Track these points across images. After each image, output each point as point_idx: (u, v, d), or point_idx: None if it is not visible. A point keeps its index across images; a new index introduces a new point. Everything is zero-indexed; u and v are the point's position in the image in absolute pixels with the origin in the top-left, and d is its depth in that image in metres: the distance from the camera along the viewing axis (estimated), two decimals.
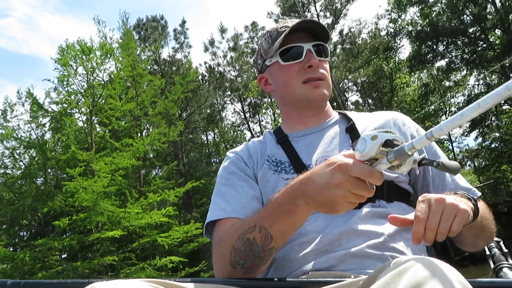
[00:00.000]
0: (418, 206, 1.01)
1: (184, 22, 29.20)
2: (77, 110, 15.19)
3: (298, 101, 1.47)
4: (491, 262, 1.53)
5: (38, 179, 16.25)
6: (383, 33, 28.87)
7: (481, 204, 1.27)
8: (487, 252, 1.59)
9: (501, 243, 1.59)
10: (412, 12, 26.46)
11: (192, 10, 61.95)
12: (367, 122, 1.48)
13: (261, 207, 1.32)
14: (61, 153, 15.56)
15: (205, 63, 32.20)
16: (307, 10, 29.84)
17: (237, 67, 30.85)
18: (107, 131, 16.00)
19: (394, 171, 0.86)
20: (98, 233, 12.57)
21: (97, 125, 17.09)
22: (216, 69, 30.97)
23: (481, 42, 23.39)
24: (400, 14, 27.34)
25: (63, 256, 15.07)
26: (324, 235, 1.21)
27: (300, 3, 29.66)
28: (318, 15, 29.57)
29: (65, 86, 14.64)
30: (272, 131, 1.56)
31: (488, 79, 25.79)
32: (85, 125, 15.39)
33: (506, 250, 1.55)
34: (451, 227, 0.97)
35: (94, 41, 15.05)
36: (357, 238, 1.19)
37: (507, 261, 1.50)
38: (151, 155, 19.63)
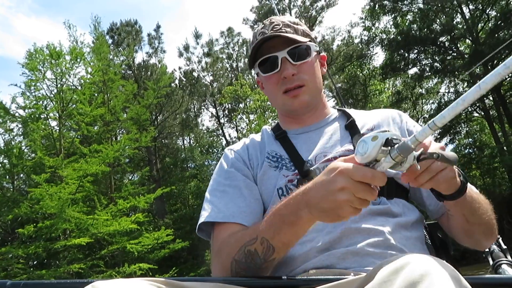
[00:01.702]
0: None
1: (158, 27, 29.16)
2: (45, 116, 14.92)
3: (283, 110, 1.49)
4: (490, 259, 1.53)
5: (7, 185, 15.95)
6: (356, 40, 29.29)
7: (478, 193, 1.27)
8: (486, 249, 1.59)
9: (500, 240, 1.58)
10: (386, 20, 26.82)
11: (171, 14, 61.66)
12: (366, 118, 1.47)
13: (259, 210, 1.31)
14: (30, 159, 15.30)
15: (180, 68, 32.13)
16: None
17: (212, 73, 30.87)
18: (76, 136, 15.80)
19: (396, 169, 0.85)
20: (65, 240, 12.37)
21: (72, 131, 16.82)
22: (191, 75, 30.92)
23: (450, 51, 23.94)
24: (373, 22, 27.76)
25: (33, 263, 14.78)
26: (325, 233, 1.21)
27: (276, 10, 29.85)
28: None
29: (33, 91, 14.38)
30: (269, 127, 1.55)
31: (460, 87, 26.39)
32: (53, 130, 15.13)
33: (505, 247, 1.55)
34: (438, 175, 0.96)
35: (64, 45, 14.87)
36: (358, 236, 1.19)
37: (506, 257, 1.50)
38: (124, 161, 19.41)
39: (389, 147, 0.82)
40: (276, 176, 1.34)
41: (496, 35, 20.15)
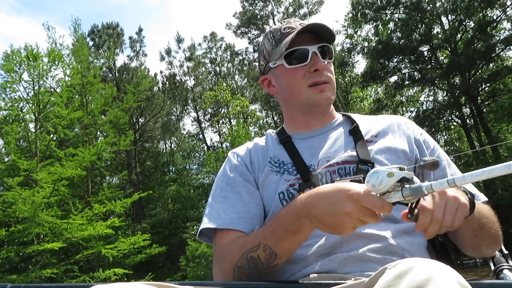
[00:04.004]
0: (423, 200, 0.98)
1: (140, 30, 29.05)
2: (21, 118, 14.74)
3: (303, 105, 1.44)
4: (491, 264, 1.51)
5: None
6: (338, 48, 29.54)
7: (484, 206, 1.26)
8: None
9: (501, 245, 1.55)
10: (367, 29, 27.13)
11: (156, 16, 61.47)
12: (371, 124, 1.46)
13: (259, 215, 1.32)
14: (5, 161, 15.09)
15: (161, 72, 32.06)
16: (266, 23, 30.25)
17: (194, 77, 30.88)
18: (53, 139, 15.63)
19: (403, 202, 0.90)
20: (37, 245, 12.20)
21: (51, 134, 16.64)
22: (172, 79, 30.87)
23: (429, 61, 24.32)
24: (356, 30, 28.05)
25: (5, 268, 14.53)
26: (325, 238, 1.20)
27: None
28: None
29: (8, 92, 14.21)
30: (274, 131, 1.54)
31: (440, 96, 26.85)
32: (29, 133, 14.94)
33: (506, 252, 1.53)
34: (453, 221, 0.97)
35: (43, 47, 14.75)
36: (359, 241, 1.18)
37: (508, 262, 1.48)
38: (101, 165, 19.24)
39: (401, 183, 0.86)
40: (277, 181, 1.33)
41: (473, 46, 20.55)
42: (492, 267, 1.50)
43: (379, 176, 0.87)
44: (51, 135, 16.01)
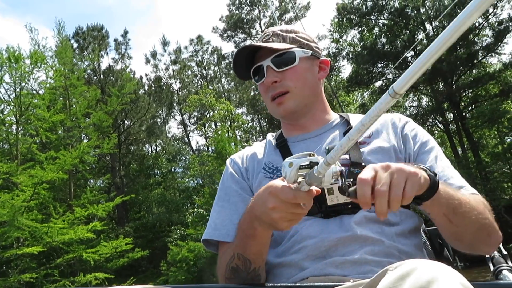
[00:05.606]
0: (362, 172, 0.93)
1: (126, 32, 28.85)
2: (1, 120, 14.54)
3: (275, 117, 1.49)
4: (490, 265, 1.51)
5: None
6: (324, 52, 29.69)
7: (463, 192, 1.19)
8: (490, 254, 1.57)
9: (500, 245, 1.52)
10: (353, 34, 27.32)
11: (144, 18, 61.23)
12: None
13: None
14: None
15: (146, 75, 31.94)
16: (252, 27, 30.31)
17: (179, 80, 30.79)
18: (35, 142, 15.45)
19: (319, 187, 0.90)
20: (17, 249, 12.03)
21: (33, 137, 16.44)
22: (158, 82, 30.78)
23: None
24: (341, 35, 28.23)
25: None
26: (320, 241, 1.20)
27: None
28: (263, 32, 30.10)
29: None
30: (274, 134, 1.55)
31: (424, 102, 27.12)
32: (10, 135, 14.75)
33: (505, 252, 1.53)
34: (404, 192, 0.89)
35: (25, 49, 14.58)
36: (354, 244, 1.18)
37: (507, 263, 1.48)
38: (84, 168, 19.05)
39: (306, 171, 0.86)
40: None
41: (455, 53, 20.84)
42: (492, 268, 1.50)
43: (284, 168, 0.89)
44: (33, 138, 15.83)
